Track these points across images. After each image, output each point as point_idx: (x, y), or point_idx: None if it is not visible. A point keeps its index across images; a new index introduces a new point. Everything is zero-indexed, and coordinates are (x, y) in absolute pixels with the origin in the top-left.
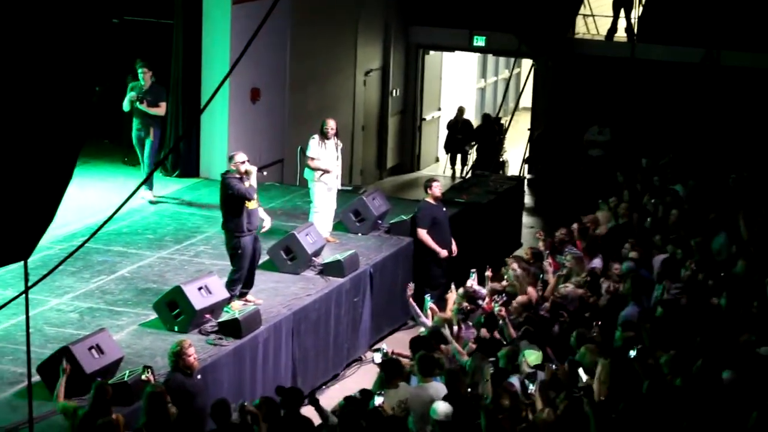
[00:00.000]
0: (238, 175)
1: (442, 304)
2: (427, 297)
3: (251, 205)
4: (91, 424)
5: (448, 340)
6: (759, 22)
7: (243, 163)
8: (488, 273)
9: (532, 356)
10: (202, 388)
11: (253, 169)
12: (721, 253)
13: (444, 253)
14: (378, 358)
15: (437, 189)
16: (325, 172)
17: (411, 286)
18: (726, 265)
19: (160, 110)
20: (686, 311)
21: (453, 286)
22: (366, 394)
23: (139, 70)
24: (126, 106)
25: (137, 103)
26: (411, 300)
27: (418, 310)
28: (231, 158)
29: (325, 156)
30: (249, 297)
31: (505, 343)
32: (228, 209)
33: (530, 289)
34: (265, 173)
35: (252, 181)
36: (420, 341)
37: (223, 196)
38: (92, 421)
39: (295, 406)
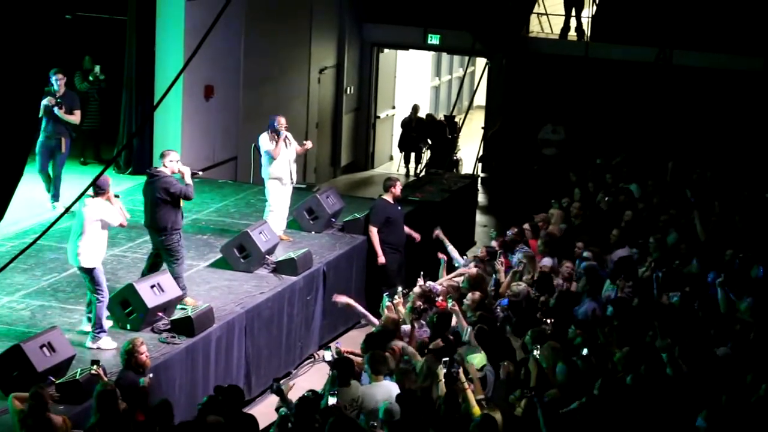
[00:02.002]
0: (171, 174)
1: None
2: (386, 296)
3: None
4: (27, 426)
5: (401, 340)
6: (711, 22)
7: (178, 161)
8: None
9: (476, 359)
10: (153, 387)
11: (186, 169)
12: (673, 252)
13: (382, 259)
14: (328, 356)
15: (399, 189)
16: (275, 140)
17: (342, 299)
18: (679, 265)
19: (76, 118)
20: (637, 310)
21: (399, 289)
22: (315, 395)
23: (53, 77)
24: (39, 112)
25: (55, 108)
26: (352, 302)
27: (364, 311)
28: (163, 156)
29: (278, 152)
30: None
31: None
32: (167, 208)
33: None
34: (200, 173)
35: (187, 179)
36: (373, 339)
37: (164, 195)
38: (27, 422)
39: (236, 404)
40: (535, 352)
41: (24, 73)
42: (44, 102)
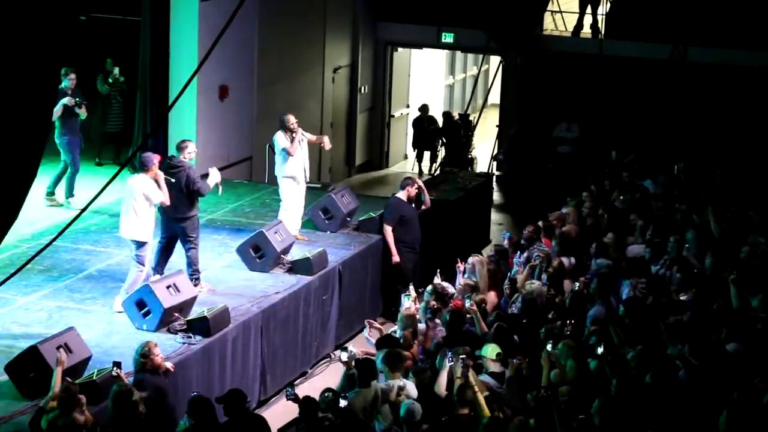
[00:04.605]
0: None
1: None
2: (404, 296)
3: None
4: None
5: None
6: (726, 19)
7: (192, 152)
8: (460, 266)
9: (489, 348)
10: (171, 388)
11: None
12: (691, 250)
13: (396, 258)
14: (344, 356)
15: (414, 190)
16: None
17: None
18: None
19: (84, 111)
20: (650, 309)
21: (411, 288)
22: (335, 394)
23: (65, 77)
24: (53, 113)
25: (76, 108)
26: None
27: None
28: (183, 148)
29: (294, 149)
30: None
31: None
32: (192, 200)
33: (491, 293)
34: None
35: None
36: (386, 340)
37: (188, 187)
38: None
39: (239, 406)
40: (548, 347)
41: (37, 74)
42: (64, 101)
